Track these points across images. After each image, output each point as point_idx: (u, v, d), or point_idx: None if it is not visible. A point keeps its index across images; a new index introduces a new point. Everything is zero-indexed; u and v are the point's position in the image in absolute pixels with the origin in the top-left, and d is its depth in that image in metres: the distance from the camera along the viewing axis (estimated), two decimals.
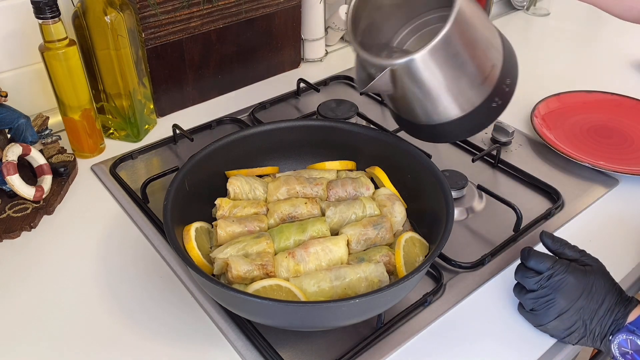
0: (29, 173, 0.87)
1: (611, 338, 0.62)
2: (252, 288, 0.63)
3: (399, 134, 0.87)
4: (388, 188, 0.79)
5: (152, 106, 1.03)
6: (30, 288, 0.73)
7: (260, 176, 0.83)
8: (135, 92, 0.95)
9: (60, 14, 0.82)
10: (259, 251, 0.68)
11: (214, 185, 0.78)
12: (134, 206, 0.85)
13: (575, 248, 0.68)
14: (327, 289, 0.64)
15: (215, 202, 0.75)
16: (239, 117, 1.05)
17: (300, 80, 1.12)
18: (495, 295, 0.73)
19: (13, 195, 0.84)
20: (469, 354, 0.66)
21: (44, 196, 0.84)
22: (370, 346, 0.65)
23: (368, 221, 0.72)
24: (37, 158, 0.86)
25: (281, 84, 1.17)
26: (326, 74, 1.20)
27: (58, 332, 0.67)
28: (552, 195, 0.88)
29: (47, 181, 0.85)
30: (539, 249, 0.68)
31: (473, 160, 0.91)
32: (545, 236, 0.69)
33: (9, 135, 0.87)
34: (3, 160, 0.81)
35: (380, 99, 1.12)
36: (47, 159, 0.89)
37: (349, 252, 0.70)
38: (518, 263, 0.69)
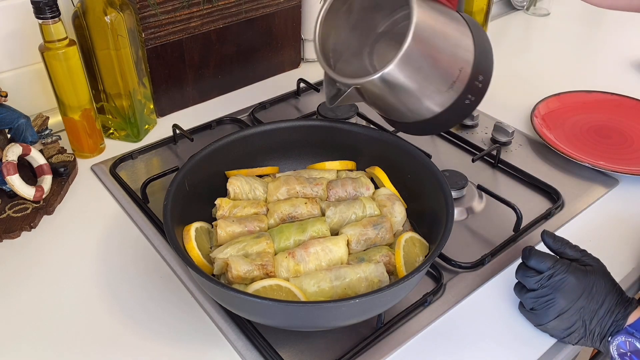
0: (29, 173, 0.87)
1: (610, 339, 0.62)
2: (252, 288, 0.63)
3: (398, 134, 0.87)
4: (388, 188, 0.79)
5: (152, 106, 1.03)
6: (30, 288, 0.73)
7: (260, 176, 0.82)
8: (135, 92, 0.95)
9: (60, 14, 0.82)
10: (259, 251, 0.68)
11: (214, 185, 0.78)
12: (134, 206, 0.85)
13: (576, 248, 0.68)
14: (327, 289, 0.64)
15: (215, 202, 0.75)
16: (239, 117, 1.05)
17: (300, 80, 1.12)
18: (495, 295, 0.73)
19: (13, 195, 0.84)
20: (469, 354, 0.66)
21: (44, 196, 0.84)
22: (370, 346, 0.65)
23: (368, 221, 0.72)
24: (37, 158, 0.86)
25: (281, 84, 1.17)
26: None
27: (58, 332, 0.67)
28: (552, 195, 0.88)
29: (47, 181, 0.85)
30: (539, 248, 0.68)
31: (473, 160, 0.91)
32: (546, 235, 0.69)
33: (9, 135, 0.87)
34: (3, 160, 0.81)
35: None
36: (47, 159, 0.89)
37: (349, 252, 0.70)
38: (518, 263, 0.69)
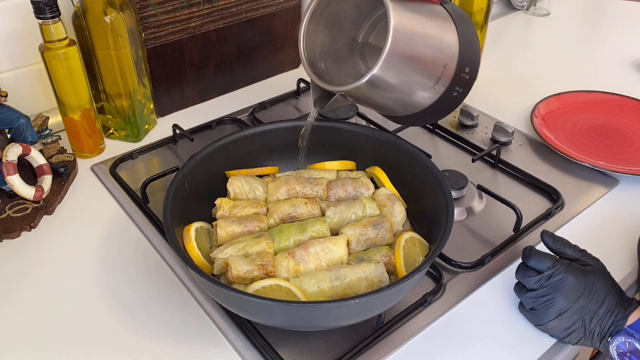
0: (29, 173, 0.87)
1: (610, 340, 0.62)
2: (252, 288, 0.63)
3: (398, 134, 0.87)
4: (388, 188, 0.79)
5: (152, 106, 1.03)
6: (30, 288, 0.73)
7: (260, 176, 0.82)
8: (135, 92, 0.95)
9: (60, 14, 0.82)
10: (259, 251, 0.68)
11: (214, 185, 0.78)
12: (134, 206, 0.85)
13: (576, 248, 0.68)
14: (327, 289, 0.64)
15: (215, 202, 0.75)
16: (239, 117, 1.05)
17: (300, 80, 1.12)
18: (495, 295, 0.73)
19: (13, 195, 0.84)
20: (469, 354, 0.65)
21: (44, 196, 0.84)
22: (370, 346, 0.65)
23: (368, 221, 0.72)
24: (37, 158, 0.86)
25: (281, 84, 1.17)
26: None
27: (58, 332, 0.67)
28: (552, 195, 0.88)
29: (47, 181, 0.85)
30: (539, 248, 0.68)
31: (473, 160, 0.91)
32: (546, 235, 0.69)
33: (9, 135, 0.87)
34: (3, 160, 0.81)
35: None
36: (47, 159, 0.89)
37: (349, 252, 0.70)
38: (518, 263, 0.69)
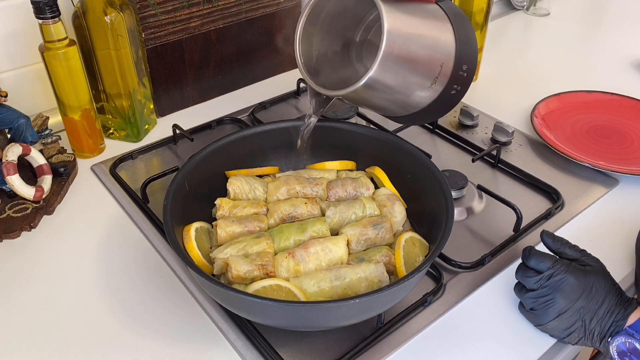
0: (29, 173, 0.87)
1: (610, 340, 0.62)
2: (252, 288, 0.63)
3: (398, 134, 0.87)
4: (388, 188, 0.79)
5: (152, 106, 1.03)
6: (30, 288, 0.73)
7: (260, 176, 0.82)
8: (135, 92, 0.95)
9: (60, 14, 0.82)
10: (259, 251, 0.68)
11: (214, 185, 0.78)
12: (134, 206, 0.85)
13: (576, 248, 0.68)
14: (327, 289, 0.64)
15: (215, 202, 0.75)
16: (239, 117, 1.05)
17: (300, 80, 1.12)
18: (495, 295, 0.73)
19: (13, 195, 0.84)
20: (469, 354, 0.65)
21: (44, 196, 0.84)
22: (370, 346, 0.65)
23: (368, 221, 0.72)
24: (37, 158, 0.86)
25: (281, 84, 1.17)
26: None
27: (58, 332, 0.67)
28: (552, 195, 0.88)
29: (47, 181, 0.85)
30: (539, 249, 0.68)
31: (473, 160, 0.91)
32: (546, 235, 0.69)
33: (9, 135, 0.87)
34: (3, 160, 0.81)
35: None
36: (47, 159, 0.89)
37: (349, 252, 0.70)
38: (518, 263, 0.69)
